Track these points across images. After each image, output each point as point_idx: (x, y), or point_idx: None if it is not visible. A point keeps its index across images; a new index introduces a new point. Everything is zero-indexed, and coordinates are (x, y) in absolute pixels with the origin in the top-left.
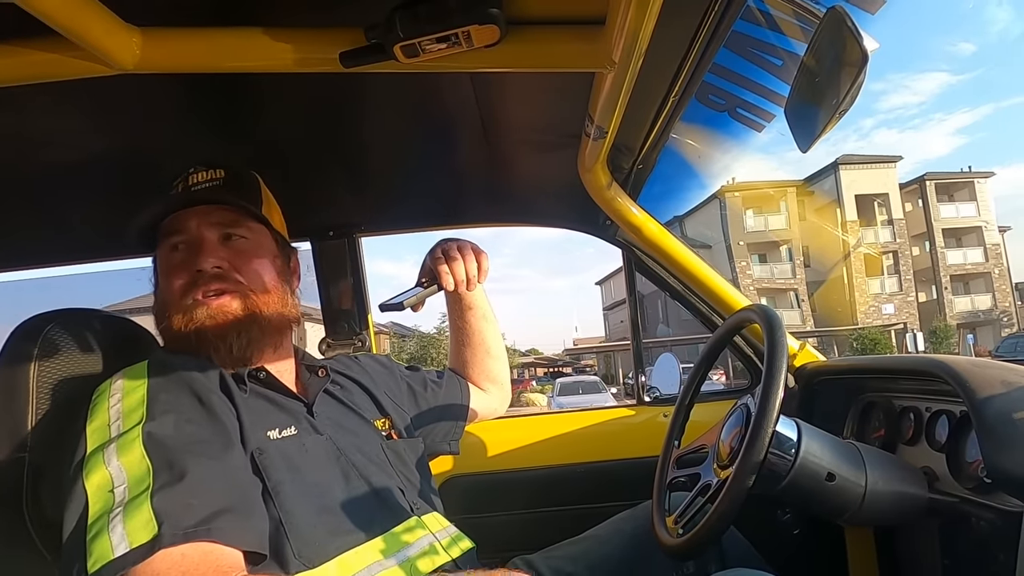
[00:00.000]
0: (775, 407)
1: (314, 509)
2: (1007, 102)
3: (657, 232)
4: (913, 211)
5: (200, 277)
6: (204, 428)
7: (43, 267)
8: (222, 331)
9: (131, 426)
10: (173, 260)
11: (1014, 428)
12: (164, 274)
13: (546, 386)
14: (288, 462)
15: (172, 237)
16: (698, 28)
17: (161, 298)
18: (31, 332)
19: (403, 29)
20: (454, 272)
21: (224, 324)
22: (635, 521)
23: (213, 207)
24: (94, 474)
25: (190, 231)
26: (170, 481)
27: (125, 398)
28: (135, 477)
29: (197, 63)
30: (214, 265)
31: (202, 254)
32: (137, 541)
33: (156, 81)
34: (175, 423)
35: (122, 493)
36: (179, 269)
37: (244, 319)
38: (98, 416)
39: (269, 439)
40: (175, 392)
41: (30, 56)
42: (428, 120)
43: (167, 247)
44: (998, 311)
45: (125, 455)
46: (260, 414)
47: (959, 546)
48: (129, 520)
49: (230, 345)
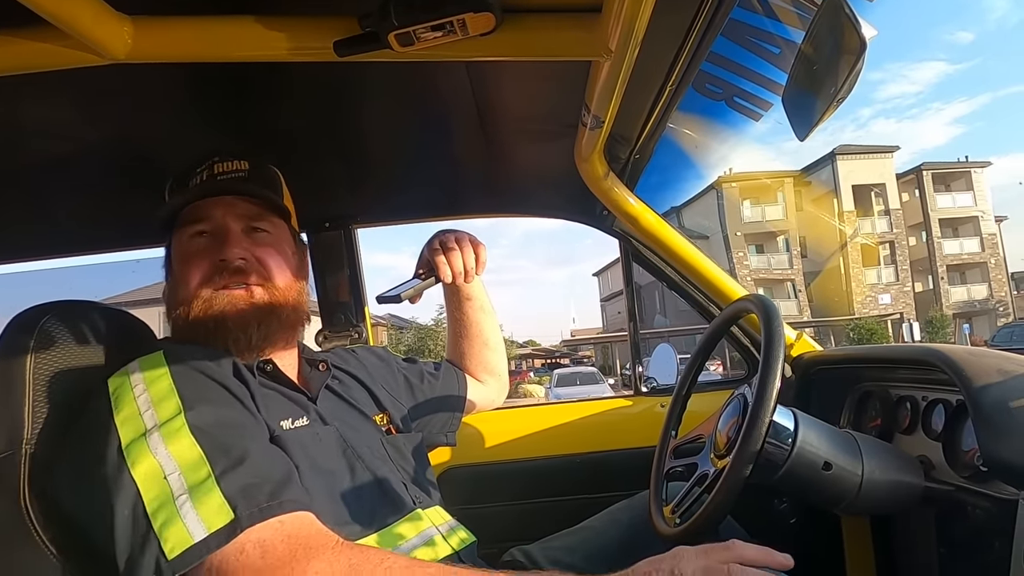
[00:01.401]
0: (772, 397)
1: (325, 499)
2: (1004, 91)
3: (654, 222)
4: (910, 201)
5: (224, 267)
6: (240, 413)
7: (37, 260)
8: (243, 321)
9: (171, 415)
10: (195, 247)
11: (1010, 416)
12: (183, 260)
13: (544, 377)
14: (303, 450)
15: (195, 224)
16: (695, 16)
17: (177, 284)
18: (27, 324)
19: (397, 17)
20: (452, 264)
21: (245, 314)
22: (632, 511)
23: (238, 198)
24: (141, 463)
25: (215, 220)
26: (231, 465)
27: (150, 387)
28: (188, 463)
29: (189, 52)
30: (239, 256)
31: (228, 245)
32: (215, 525)
33: (148, 71)
34: (214, 410)
35: (178, 480)
36: (201, 257)
37: (264, 311)
38: (125, 406)
39: (283, 428)
40: (200, 379)
41: (20, 46)
42: (424, 110)
43: (189, 233)
44: (994, 301)
45: (173, 443)
46: (273, 404)
47: (955, 534)
48: (200, 506)
49: (249, 336)
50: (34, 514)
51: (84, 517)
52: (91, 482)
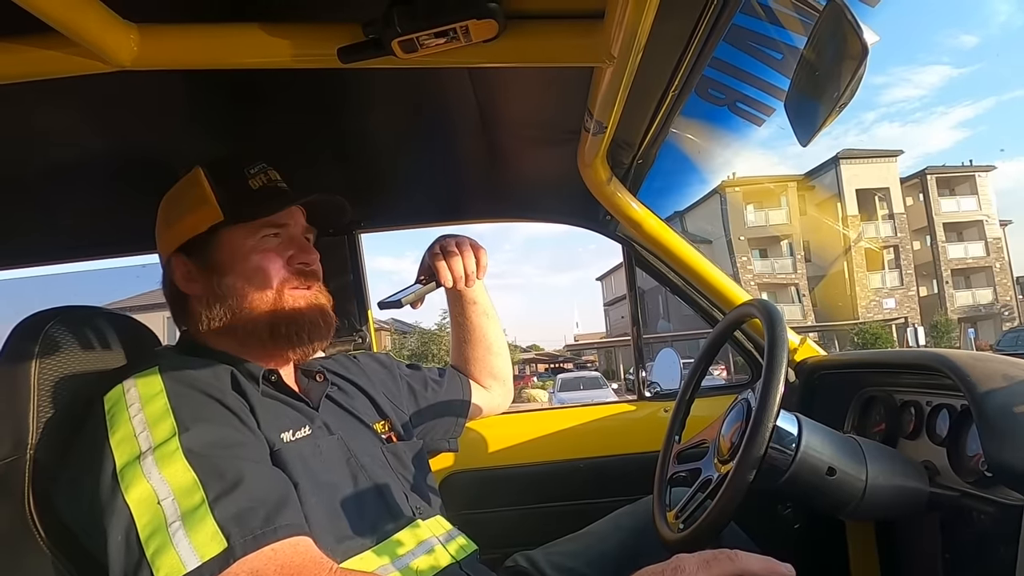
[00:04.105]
0: (776, 402)
1: (324, 512)
2: (1009, 95)
3: (657, 227)
4: (914, 205)
5: (302, 271)
6: (236, 431)
7: (42, 265)
8: (313, 322)
9: (166, 437)
10: (270, 245)
11: (1015, 422)
12: (260, 255)
13: (547, 382)
14: (303, 464)
15: (271, 227)
16: (697, 22)
17: (249, 278)
18: (32, 330)
19: (401, 24)
20: (453, 268)
21: (316, 316)
22: (636, 516)
23: (298, 208)
24: (135, 487)
25: (292, 226)
26: (226, 489)
27: (146, 406)
28: (181, 488)
29: (195, 60)
30: (316, 261)
31: (309, 251)
32: (208, 554)
33: (153, 78)
34: (209, 430)
35: (171, 505)
36: (278, 256)
37: (327, 315)
38: (120, 427)
39: (283, 441)
40: (197, 397)
41: (27, 53)
42: (427, 116)
43: (261, 233)
44: (999, 305)
45: (167, 467)
46: (274, 415)
47: (960, 540)
48: (193, 533)
49: (317, 333)
50: (38, 519)
51: (82, 528)
52: (87, 501)
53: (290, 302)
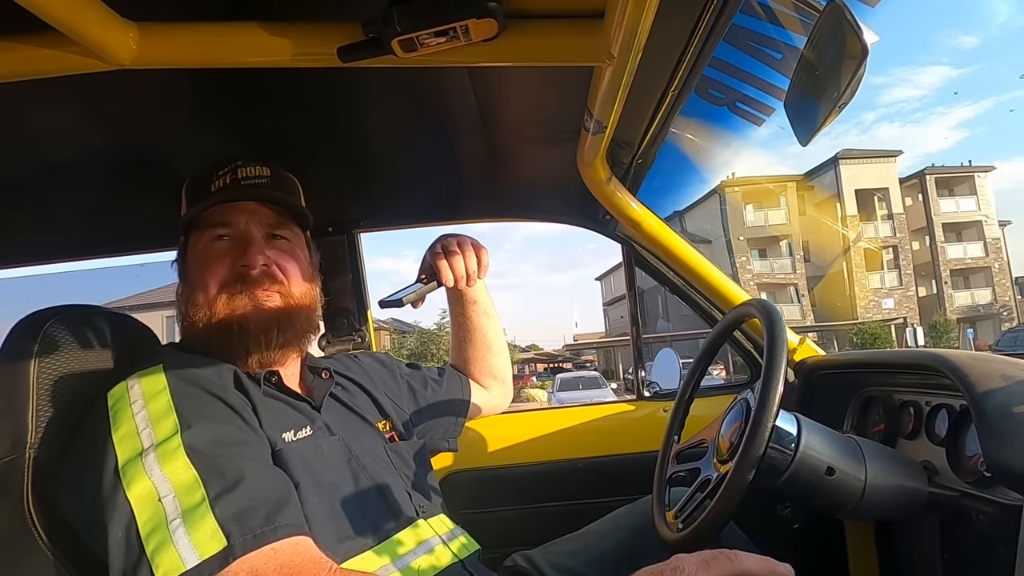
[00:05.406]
0: (775, 402)
1: (326, 512)
2: (1008, 96)
3: (657, 227)
4: (913, 205)
5: (246, 273)
6: (239, 429)
7: (41, 264)
8: (263, 326)
9: (168, 434)
10: (216, 250)
11: (1014, 422)
12: (203, 263)
13: (546, 382)
14: (304, 464)
15: (217, 228)
16: (697, 21)
17: (195, 287)
18: (31, 329)
19: (401, 23)
20: (454, 268)
21: (266, 320)
22: (635, 516)
23: (261, 205)
24: (136, 484)
25: (239, 226)
26: (226, 488)
27: (148, 403)
28: (182, 486)
29: (194, 59)
30: (261, 263)
31: (252, 252)
32: (208, 552)
33: (152, 77)
34: (212, 428)
35: (172, 503)
36: (222, 260)
37: (283, 318)
38: (123, 423)
39: (284, 441)
40: (200, 395)
41: (26, 52)
42: (427, 115)
43: (209, 236)
44: (998, 305)
45: (168, 464)
46: (276, 415)
47: (959, 540)
48: (194, 531)
49: (270, 339)
50: (37, 518)
51: (84, 525)
52: (89, 497)
53: (231, 308)
